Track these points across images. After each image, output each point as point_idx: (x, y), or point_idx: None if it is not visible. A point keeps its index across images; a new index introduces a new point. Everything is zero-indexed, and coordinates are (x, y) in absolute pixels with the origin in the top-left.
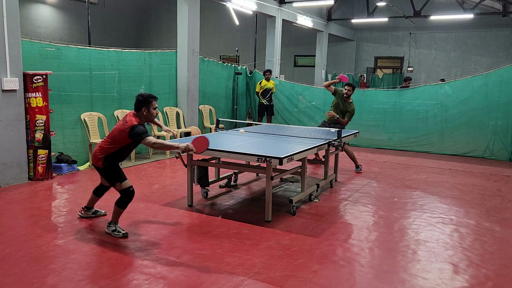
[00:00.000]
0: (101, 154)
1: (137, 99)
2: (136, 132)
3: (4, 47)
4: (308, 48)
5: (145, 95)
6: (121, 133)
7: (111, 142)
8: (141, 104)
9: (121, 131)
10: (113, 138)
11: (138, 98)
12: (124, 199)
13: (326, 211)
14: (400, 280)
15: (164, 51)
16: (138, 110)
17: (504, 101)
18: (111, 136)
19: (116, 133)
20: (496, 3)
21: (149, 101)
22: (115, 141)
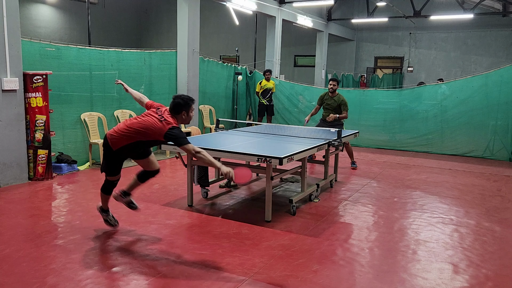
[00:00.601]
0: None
1: (176, 102)
2: (176, 135)
3: (4, 47)
4: (308, 48)
5: (185, 98)
6: (154, 128)
7: (134, 132)
8: (181, 108)
9: (154, 126)
10: (138, 130)
11: (177, 101)
12: (108, 186)
13: (326, 211)
14: (400, 280)
15: (164, 51)
16: (177, 113)
17: (504, 101)
18: (138, 125)
19: (145, 125)
20: (496, 3)
21: (189, 105)
22: (139, 133)
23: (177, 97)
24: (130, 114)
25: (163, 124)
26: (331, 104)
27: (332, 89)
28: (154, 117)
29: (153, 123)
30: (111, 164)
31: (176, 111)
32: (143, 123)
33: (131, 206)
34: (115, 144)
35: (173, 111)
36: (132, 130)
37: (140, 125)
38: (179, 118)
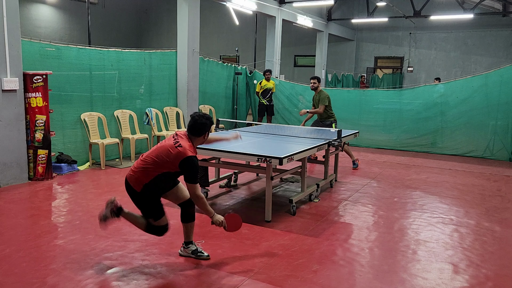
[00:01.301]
0: (142, 176)
1: (201, 123)
2: (191, 167)
3: (4, 47)
4: (308, 48)
5: (208, 117)
6: (168, 156)
7: (151, 164)
8: (206, 129)
9: (168, 153)
10: (155, 160)
11: (203, 121)
12: (155, 233)
13: (326, 211)
14: (400, 280)
15: (164, 51)
16: (200, 134)
17: (504, 101)
18: (152, 155)
19: (159, 154)
20: (496, 3)
21: (212, 123)
22: (156, 164)
23: (200, 117)
24: (130, 114)
25: (179, 151)
26: (316, 100)
27: (313, 87)
28: (168, 144)
29: (168, 151)
30: (145, 207)
31: (199, 133)
32: (157, 152)
33: (199, 255)
34: (136, 184)
35: (196, 133)
36: (149, 161)
37: (154, 154)
38: (199, 141)
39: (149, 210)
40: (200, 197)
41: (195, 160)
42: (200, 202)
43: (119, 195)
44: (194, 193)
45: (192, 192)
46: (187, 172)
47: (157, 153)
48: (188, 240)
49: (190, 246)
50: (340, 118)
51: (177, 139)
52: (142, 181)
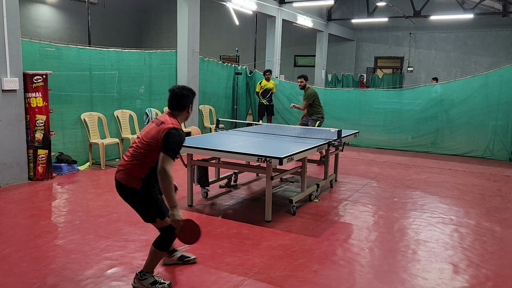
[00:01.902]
0: (140, 168)
1: (182, 94)
2: (173, 139)
3: (4, 47)
4: (308, 48)
5: (188, 88)
6: (154, 136)
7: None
8: (187, 100)
9: (154, 133)
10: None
11: (183, 92)
12: (167, 238)
13: (326, 211)
14: (400, 280)
15: (164, 51)
16: (182, 108)
17: (504, 101)
18: (141, 139)
19: (147, 137)
20: (496, 3)
21: (194, 95)
22: (148, 147)
23: (181, 89)
24: (130, 114)
25: (161, 127)
26: (304, 97)
27: (301, 86)
28: (151, 127)
29: (152, 133)
30: (149, 207)
31: (181, 107)
32: (143, 134)
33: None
34: (132, 181)
35: (178, 107)
36: (137, 151)
37: (141, 143)
38: (183, 116)
39: (154, 208)
40: (168, 175)
41: (180, 132)
42: (167, 181)
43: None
44: (163, 167)
45: (162, 165)
46: (165, 142)
47: (143, 140)
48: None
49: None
50: (340, 118)
51: (159, 119)
52: (139, 175)
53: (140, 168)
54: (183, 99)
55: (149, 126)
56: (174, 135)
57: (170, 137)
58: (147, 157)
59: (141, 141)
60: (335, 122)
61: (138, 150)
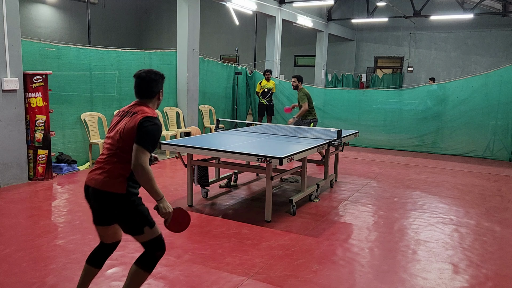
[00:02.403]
0: (122, 164)
1: (151, 79)
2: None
3: (4, 47)
4: (308, 48)
5: (159, 72)
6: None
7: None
8: (158, 85)
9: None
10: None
11: (151, 76)
12: (155, 254)
13: (326, 211)
14: (400, 280)
15: (164, 51)
16: (152, 95)
17: (504, 101)
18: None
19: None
20: (496, 3)
21: (163, 78)
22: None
23: (146, 72)
24: None
25: (136, 117)
26: (297, 99)
27: (293, 86)
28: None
29: (127, 122)
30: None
31: (151, 93)
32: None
33: None
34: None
35: (147, 94)
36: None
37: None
38: (154, 104)
39: (142, 215)
40: (147, 169)
41: (157, 121)
42: (145, 176)
43: None
44: (139, 163)
45: (136, 159)
46: (139, 131)
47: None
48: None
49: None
50: (340, 118)
51: (130, 110)
52: (122, 173)
53: (122, 165)
54: (152, 84)
55: (120, 120)
56: (149, 124)
57: (144, 126)
58: (128, 152)
59: (117, 137)
60: (335, 122)
61: (115, 146)
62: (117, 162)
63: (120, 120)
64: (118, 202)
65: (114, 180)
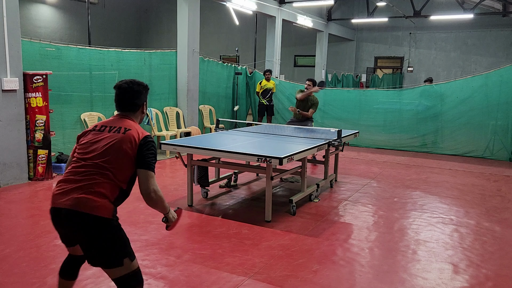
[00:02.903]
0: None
1: (134, 90)
2: (154, 149)
3: (4, 47)
4: (308, 48)
5: (142, 83)
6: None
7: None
8: (141, 98)
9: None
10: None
11: (135, 88)
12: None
13: (326, 211)
14: (400, 280)
15: (164, 51)
16: (136, 108)
17: (504, 101)
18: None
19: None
20: (496, 3)
21: (148, 90)
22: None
23: (129, 84)
24: None
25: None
26: (306, 102)
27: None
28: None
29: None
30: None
31: (134, 106)
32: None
33: None
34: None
35: (130, 108)
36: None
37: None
38: (137, 118)
39: (124, 245)
40: (159, 193)
41: (153, 139)
42: (159, 200)
43: None
44: (153, 189)
45: (150, 186)
46: (145, 153)
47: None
48: None
49: None
50: (340, 118)
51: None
52: (109, 197)
53: (110, 187)
54: (136, 97)
55: (103, 136)
56: (152, 145)
57: (149, 148)
58: (117, 176)
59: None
60: (335, 122)
61: (102, 166)
62: (104, 183)
63: (103, 135)
64: (102, 227)
65: (100, 203)
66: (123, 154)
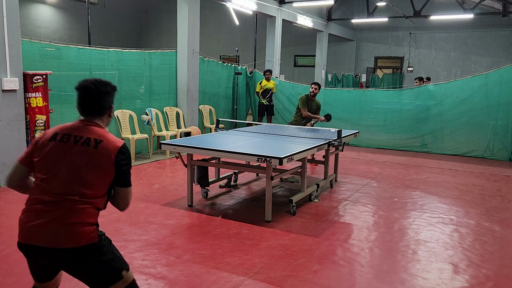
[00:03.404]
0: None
1: (100, 91)
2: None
3: (4, 47)
4: (308, 48)
5: (108, 82)
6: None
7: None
8: (109, 99)
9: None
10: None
11: (100, 88)
12: None
13: (326, 211)
14: (400, 280)
15: (164, 51)
16: (103, 111)
17: (504, 101)
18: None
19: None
20: (496, 3)
21: (115, 91)
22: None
23: (95, 84)
24: (130, 114)
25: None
26: (312, 106)
27: (314, 93)
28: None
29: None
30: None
31: (101, 109)
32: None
33: None
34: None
35: (97, 111)
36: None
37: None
38: (105, 123)
39: (117, 258)
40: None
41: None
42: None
43: None
44: (128, 204)
45: (127, 203)
46: (123, 169)
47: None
48: None
49: None
50: (340, 118)
51: (81, 134)
52: (88, 222)
53: (89, 212)
54: (103, 99)
55: (67, 151)
56: (128, 155)
57: (126, 162)
58: (92, 199)
59: (79, 177)
60: (335, 122)
61: (70, 195)
62: (81, 210)
63: (68, 150)
64: (92, 254)
65: (83, 230)
66: (97, 174)
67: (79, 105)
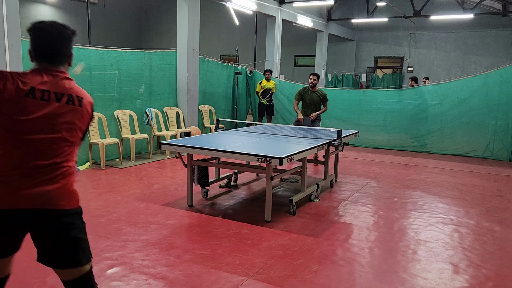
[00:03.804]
0: (74, 172)
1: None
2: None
3: (4, 47)
4: (308, 48)
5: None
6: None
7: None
8: (70, 44)
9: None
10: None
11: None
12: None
13: (326, 211)
14: (400, 280)
15: (164, 51)
16: (65, 58)
17: (504, 101)
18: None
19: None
20: (496, 3)
21: (75, 35)
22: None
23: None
24: (130, 114)
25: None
26: (313, 98)
27: (313, 84)
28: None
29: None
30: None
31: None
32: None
33: None
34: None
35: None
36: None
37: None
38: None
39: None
40: None
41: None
42: None
43: (119, 195)
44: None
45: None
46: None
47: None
48: None
49: None
50: (340, 118)
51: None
52: (73, 183)
53: (74, 169)
54: (64, 43)
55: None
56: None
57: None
58: (73, 155)
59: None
60: (335, 122)
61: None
62: (72, 167)
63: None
64: (77, 221)
65: (72, 192)
66: (80, 128)
67: (38, 51)
